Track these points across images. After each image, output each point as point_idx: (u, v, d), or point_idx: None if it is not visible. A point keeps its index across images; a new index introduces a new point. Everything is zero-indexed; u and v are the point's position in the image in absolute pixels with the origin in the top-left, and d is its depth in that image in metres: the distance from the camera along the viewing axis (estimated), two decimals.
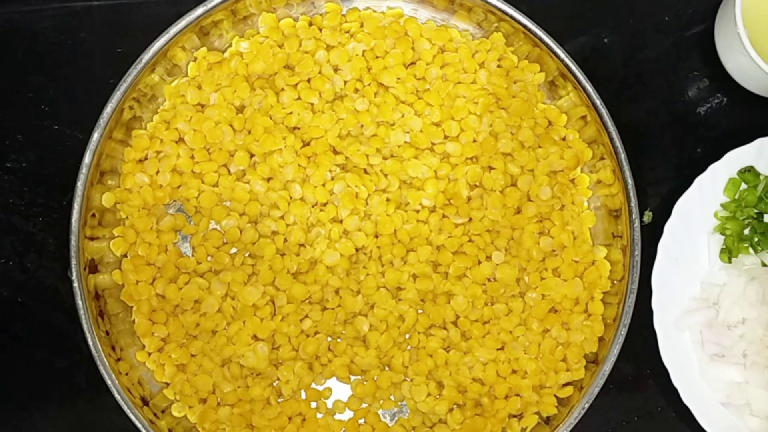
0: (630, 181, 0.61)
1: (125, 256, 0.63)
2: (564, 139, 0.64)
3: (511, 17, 0.62)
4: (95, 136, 0.60)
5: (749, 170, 0.64)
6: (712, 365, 0.62)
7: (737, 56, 0.63)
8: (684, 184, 0.64)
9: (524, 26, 0.62)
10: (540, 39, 0.62)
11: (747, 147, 0.64)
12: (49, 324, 0.65)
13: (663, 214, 0.64)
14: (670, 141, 0.68)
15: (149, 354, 0.62)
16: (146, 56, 0.61)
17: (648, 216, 0.66)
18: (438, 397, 0.62)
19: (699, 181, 0.63)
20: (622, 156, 0.61)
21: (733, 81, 0.66)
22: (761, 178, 0.64)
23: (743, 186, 0.64)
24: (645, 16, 0.68)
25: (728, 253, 0.64)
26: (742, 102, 0.67)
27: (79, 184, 0.60)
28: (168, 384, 0.62)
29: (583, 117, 0.64)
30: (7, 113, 0.66)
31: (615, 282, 0.63)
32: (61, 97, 0.66)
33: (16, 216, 0.66)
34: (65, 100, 0.66)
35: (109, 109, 0.61)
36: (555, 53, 0.62)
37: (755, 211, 0.64)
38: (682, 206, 0.63)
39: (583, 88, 0.62)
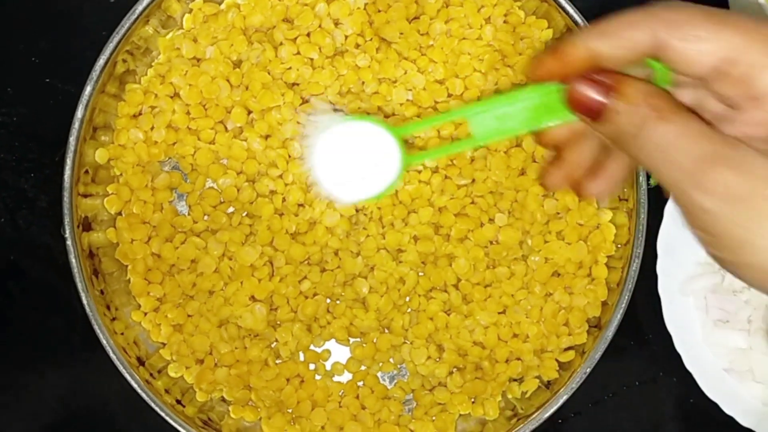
0: None
1: (120, 214, 0.62)
2: None
3: None
4: (88, 89, 0.58)
5: None
6: (716, 331, 0.62)
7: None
8: None
9: None
10: None
11: None
12: (42, 282, 0.64)
13: None
14: None
15: (145, 314, 0.61)
16: (140, 7, 0.59)
17: (654, 179, 0.64)
18: (438, 360, 0.61)
19: None
20: None
21: None
22: None
23: None
24: None
25: None
26: None
27: (72, 140, 0.58)
28: (164, 344, 0.61)
29: None
30: None
31: (619, 246, 0.62)
32: (52, 50, 0.64)
33: (7, 171, 0.64)
34: (56, 53, 0.64)
35: (101, 61, 0.59)
36: (564, 9, 0.60)
37: None
38: None
39: None
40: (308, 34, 0.61)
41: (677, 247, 0.62)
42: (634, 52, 0.38)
